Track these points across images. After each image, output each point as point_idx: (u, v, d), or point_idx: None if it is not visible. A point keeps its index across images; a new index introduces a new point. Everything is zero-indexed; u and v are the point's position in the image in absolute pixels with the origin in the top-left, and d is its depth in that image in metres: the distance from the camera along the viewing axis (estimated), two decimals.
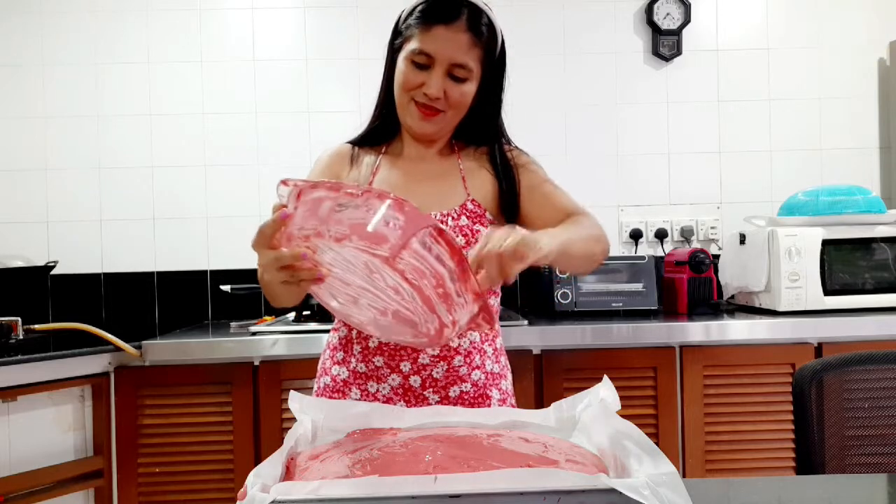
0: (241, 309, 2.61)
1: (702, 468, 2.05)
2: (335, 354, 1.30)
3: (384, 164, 1.33)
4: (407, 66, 1.22)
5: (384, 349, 1.23)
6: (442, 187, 1.30)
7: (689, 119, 2.76)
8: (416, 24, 1.21)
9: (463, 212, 1.27)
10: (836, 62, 2.77)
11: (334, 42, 2.70)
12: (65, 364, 1.90)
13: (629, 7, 2.75)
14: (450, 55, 1.19)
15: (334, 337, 1.33)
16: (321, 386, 1.32)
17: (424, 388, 1.22)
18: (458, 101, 1.23)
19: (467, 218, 1.26)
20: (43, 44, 2.65)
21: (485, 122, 1.31)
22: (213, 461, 2.01)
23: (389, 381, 1.22)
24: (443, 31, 1.19)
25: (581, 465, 0.72)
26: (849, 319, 2.08)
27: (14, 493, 1.81)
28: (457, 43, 1.19)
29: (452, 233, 1.20)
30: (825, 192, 2.28)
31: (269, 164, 2.69)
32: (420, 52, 1.20)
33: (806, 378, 1.35)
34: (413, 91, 1.22)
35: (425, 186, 1.29)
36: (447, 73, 1.20)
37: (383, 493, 0.62)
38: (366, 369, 1.24)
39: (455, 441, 0.77)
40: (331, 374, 1.30)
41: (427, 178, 1.31)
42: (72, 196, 2.64)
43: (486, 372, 1.27)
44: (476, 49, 1.21)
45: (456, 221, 1.25)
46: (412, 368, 1.22)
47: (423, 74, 1.20)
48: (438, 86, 1.20)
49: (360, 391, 1.25)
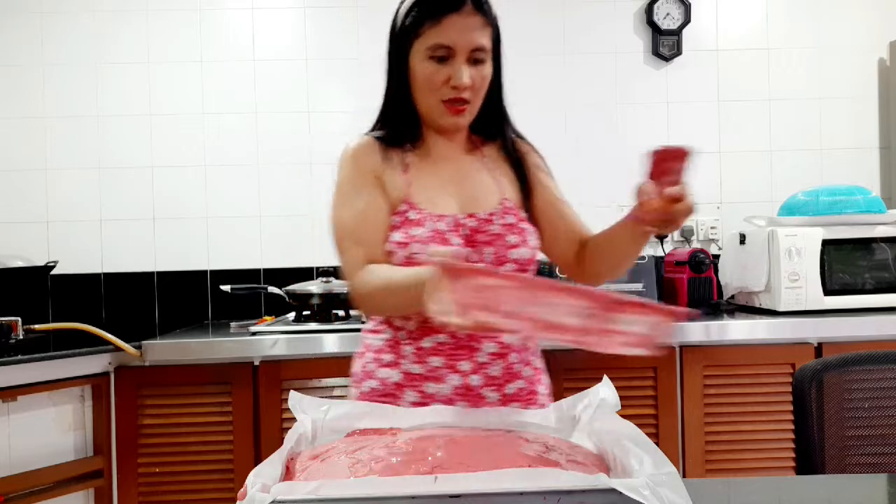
0: (241, 309, 2.61)
1: (702, 468, 2.05)
2: (381, 357, 1.23)
3: (414, 163, 1.28)
4: (427, 64, 1.19)
5: (442, 349, 1.19)
6: (477, 187, 1.28)
7: (689, 119, 2.76)
8: (424, 18, 1.18)
9: (505, 209, 1.25)
10: (836, 62, 2.77)
11: (334, 42, 2.70)
12: (65, 364, 1.90)
13: (629, 7, 2.75)
14: (469, 41, 1.17)
15: (376, 339, 1.26)
16: (366, 390, 1.24)
17: (483, 386, 1.19)
18: (481, 86, 1.21)
19: (512, 215, 1.25)
20: (43, 44, 2.65)
21: (492, 108, 1.29)
22: (213, 461, 2.01)
23: (449, 381, 1.18)
24: (455, 18, 1.16)
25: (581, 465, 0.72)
26: (849, 319, 2.08)
27: (14, 493, 1.81)
28: (471, 27, 1.17)
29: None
30: (825, 192, 2.28)
31: (269, 164, 2.69)
32: (438, 45, 1.17)
33: (806, 378, 1.35)
34: (440, 89, 1.19)
35: (463, 188, 1.27)
36: (468, 59, 1.18)
37: (383, 493, 0.62)
38: (422, 370, 1.19)
39: (455, 441, 0.77)
40: (377, 377, 1.23)
41: (461, 178, 1.28)
42: (72, 196, 2.64)
43: (534, 368, 1.27)
44: (487, 28, 1.20)
45: (503, 220, 1.23)
46: (472, 367, 1.19)
47: (447, 68, 1.18)
48: (466, 74, 1.17)
49: (418, 393, 1.19)
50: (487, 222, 1.23)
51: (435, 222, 1.20)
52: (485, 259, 1.20)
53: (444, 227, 1.20)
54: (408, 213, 1.21)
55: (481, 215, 1.23)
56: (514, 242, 1.22)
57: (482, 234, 1.21)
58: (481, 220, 1.22)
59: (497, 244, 1.21)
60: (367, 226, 1.21)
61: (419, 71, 1.20)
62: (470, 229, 1.21)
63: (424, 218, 1.20)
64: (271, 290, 2.29)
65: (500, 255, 1.21)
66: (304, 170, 2.69)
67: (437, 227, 1.20)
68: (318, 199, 2.69)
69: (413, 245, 1.17)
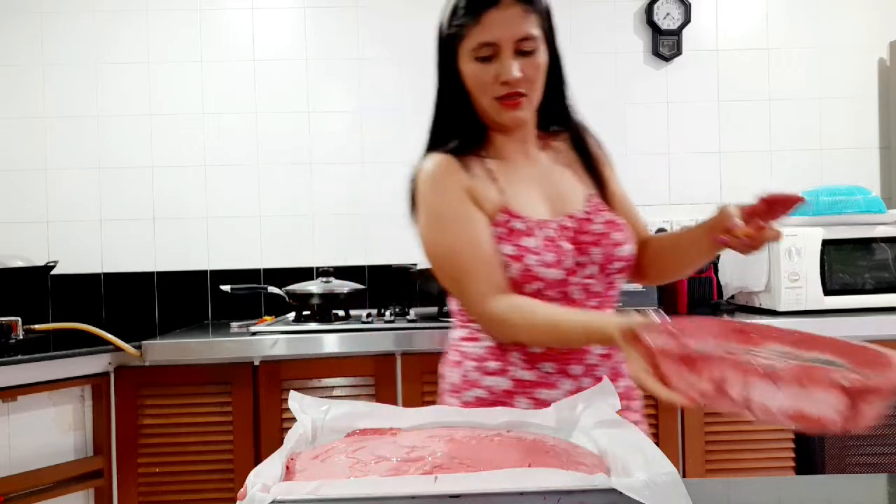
0: (241, 309, 2.61)
1: (702, 468, 2.05)
2: (485, 365, 1.19)
3: (496, 169, 1.23)
4: (474, 66, 1.16)
5: (552, 353, 1.16)
6: (562, 185, 1.25)
7: (689, 119, 2.76)
8: (465, 21, 1.16)
9: (598, 206, 1.23)
10: (836, 62, 2.77)
11: (334, 42, 2.70)
12: (65, 364, 1.90)
13: (629, 7, 2.75)
14: (511, 33, 1.14)
15: (476, 347, 1.21)
16: (470, 400, 1.19)
17: None
18: (536, 76, 1.17)
19: (607, 212, 1.22)
20: (43, 44, 2.65)
21: (554, 98, 1.25)
22: (213, 461, 2.01)
23: (562, 387, 1.15)
24: (494, 14, 1.14)
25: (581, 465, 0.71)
26: (849, 319, 2.08)
27: (14, 493, 1.80)
28: (512, 18, 1.14)
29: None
30: (825, 192, 2.28)
31: (269, 164, 2.69)
32: (481, 44, 1.15)
33: None
34: (491, 88, 1.16)
35: (549, 188, 1.24)
36: (515, 52, 1.15)
37: (383, 493, 0.62)
38: (533, 377, 1.16)
39: (455, 441, 0.77)
40: (483, 385, 1.19)
41: (543, 178, 1.25)
42: (72, 196, 2.64)
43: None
44: (531, 15, 1.16)
45: (601, 217, 1.21)
46: (583, 370, 1.17)
47: (493, 66, 1.15)
48: (515, 67, 1.14)
49: (530, 400, 1.16)
50: (587, 221, 1.20)
51: (542, 229, 1.17)
52: (593, 260, 1.18)
53: (553, 233, 1.17)
54: (511, 223, 1.17)
55: (579, 214, 1.20)
56: (619, 240, 1.20)
57: (586, 235, 1.19)
58: (581, 220, 1.20)
59: (603, 243, 1.19)
60: (481, 251, 1.15)
61: (468, 74, 1.18)
62: (573, 231, 1.19)
63: (531, 226, 1.17)
64: (271, 290, 2.29)
65: (607, 254, 1.18)
66: (304, 170, 2.69)
67: (547, 234, 1.16)
68: (318, 199, 2.70)
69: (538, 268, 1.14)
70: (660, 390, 0.77)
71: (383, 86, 2.69)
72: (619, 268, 1.21)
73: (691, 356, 0.70)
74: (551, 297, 1.16)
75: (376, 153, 2.70)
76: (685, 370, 0.70)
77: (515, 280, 1.15)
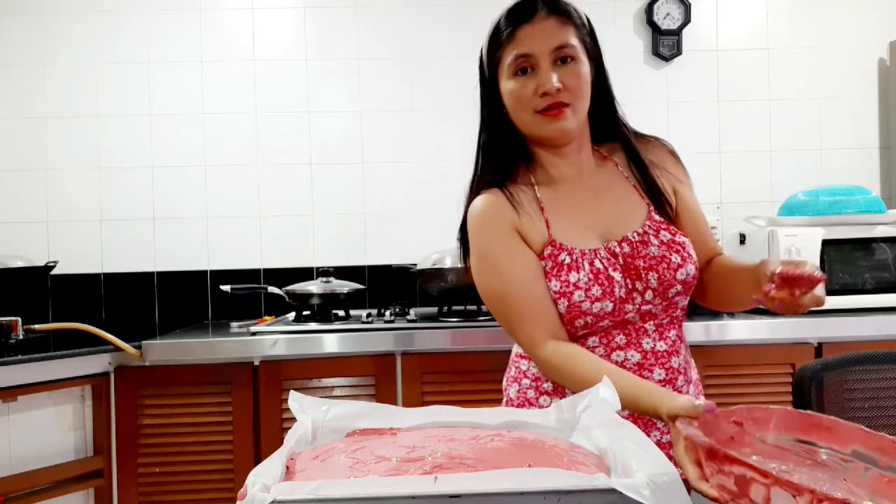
0: (241, 309, 2.61)
1: None
2: (540, 385, 1.21)
3: (545, 196, 1.20)
4: (513, 82, 1.15)
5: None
6: (621, 203, 1.20)
7: (689, 119, 2.76)
8: (501, 40, 1.16)
9: (659, 226, 1.17)
10: (836, 62, 2.77)
11: (334, 42, 2.70)
12: (65, 364, 1.90)
13: (629, 7, 2.75)
14: (547, 43, 1.13)
15: (534, 366, 1.21)
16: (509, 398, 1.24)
17: None
18: (577, 85, 1.14)
19: (665, 231, 1.17)
20: (43, 44, 2.65)
21: (601, 110, 1.23)
22: (213, 461, 2.01)
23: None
24: (528, 28, 1.14)
25: (581, 465, 0.71)
26: (849, 319, 2.08)
27: (14, 493, 1.81)
28: (548, 30, 1.13)
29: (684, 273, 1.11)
30: (825, 192, 2.28)
31: (269, 164, 2.69)
32: (518, 56, 1.14)
33: (806, 378, 1.35)
34: (531, 101, 1.14)
35: (605, 209, 1.19)
36: (554, 62, 1.13)
37: (383, 493, 0.62)
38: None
39: (455, 441, 0.77)
40: (539, 405, 1.20)
41: (599, 196, 1.20)
42: (72, 196, 2.65)
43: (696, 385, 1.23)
44: (568, 26, 1.15)
45: (658, 238, 1.16)
46: None
47: (532, 78, 1.14)
48: (555, 77, 1.12)
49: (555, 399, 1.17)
50: (644, 245, 1.15)
51: (590, 260, 1.14)
52: (650, 285, 1.14)
53: (600, 264, 1.14)
54: (558, 256, 1.15)
55: (633, 238, 1.16)
56: (678, 263, 1.15)
57: (641, 260, 1.14)
58: (635, 244, 1.15)
59: (660, 268, 1.14)
60: (531, 292, 1.14)
61: (508, 92, 1.16)
62: (625, 256, 1.15)
63: (577, 258, 1.14)
64: (271, 290, 2.29)
65: (664, 279, 1.14)
66: (304, 170, 2.69)
67: (595, 266, 1.13)
68: (318, 199, 2.70)
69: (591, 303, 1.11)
70: (693, 478, 0.75)
71: (383, 86, 2.69)
72: (679, 291, 1.16)
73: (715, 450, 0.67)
74: (600, 328, 1.15)
75: (376, 153, 2.70)
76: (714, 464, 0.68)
77: (564, 316, 1.14)
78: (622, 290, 1.13)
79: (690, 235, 1.20)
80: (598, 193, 1.21)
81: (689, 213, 1.24)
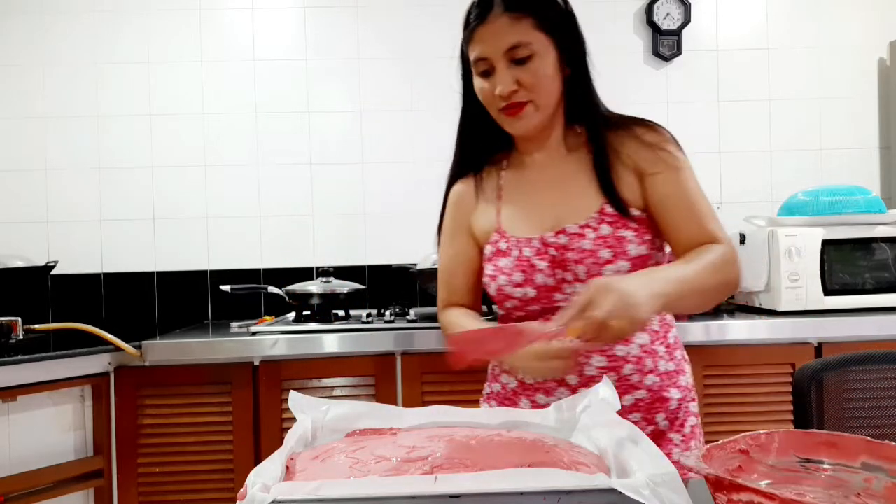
0: (241, 309, 2.61)
1: None
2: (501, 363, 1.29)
3: (508, 182, 1.28)
4: (479, 81, 1.20)
5: None
6: (571, 193, 1.20)
7: (689, 119, 2.76)
8: (464, 42, 1.21)
9: (602, 218, 1.16)
10: (836, 62, 2.77)
11: (334, 42, 2.70)
12: (65, 364, 1.90)
13: (629, 7, 2.75)
14: (497, 45, 1.14)
15: None
16: (491, 391, 1.32)
17: None
18: (534, 82, 1.15)
19: (608, 225, 1.16)
20: (43, 44, 2.65)
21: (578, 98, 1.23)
22: (213, 461, 2.01)
23: (558, 394, 1.18)
24: (482, 29, 1.15)
25: (581, 465, 0.71)
26: (849, 319, 2.08)
27: (14, 493, 1.81)
28: (498, 30, 1.14)
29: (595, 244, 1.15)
30: (825, 192, 2.28)
31: (269, 164, 2.69)
32: (476, 59, 1.17)
33: (806, 378, 1.35)
34: (495, 100, 1.18)
35: (552, 197, 1.22)
36: (509, 63, 1.14)
37: (383, 493, 0.62)
38: (534, 381, 1.22)
39: (455, 441, 0.77)
40: (500, 381, 1.29)
41: (553, 185, 1.23)
42: (72, 196, 2.65)
43: (661, 374, 1.20)
44: (524, 21, 1.14)
45: (596, 232, 1.16)
46: (579, 381, 1.18)
47: (493, 80, 1.17)
48: (506, 81, 1.14)
49: (530, 402, 1.22)
50: (579, 237, 1.16)
51: (521, 248, 1.20)
52: (578, 277, 1.16)
53: (530, 252, 1.19)
54: (499, 243, 1.24)
55: (573, 229, 1.17)
56: (608, 258, 1.14)
57: (572, 252, 1.16)
58: (572, 235, 1.17)
59: (587, 262, 1.15)
60: (455, 272, 1.34)
61: (478, 90, 1.21)
62: (558, 247, 1.17)
63: (511, 246, 1.22)
64: (271, 290, 2.29)
65: (592, 273, 1.15)
66: (304, 170, 2.69)
67: (523, 254, 1.19)
68: (318, 199, 2.70)
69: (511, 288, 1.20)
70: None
71: (383, 86, 2.69)
72: None
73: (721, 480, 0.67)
74: (533, 311, 1.21)
75: (376, 153, 2.70)
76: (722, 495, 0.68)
77: (495, 298, 1.26)
78: (549, 278, 1.18)
79: (672, 223, 1.16)
80: (557, 182, 1.24)
81: (671, 200, 1.17)
